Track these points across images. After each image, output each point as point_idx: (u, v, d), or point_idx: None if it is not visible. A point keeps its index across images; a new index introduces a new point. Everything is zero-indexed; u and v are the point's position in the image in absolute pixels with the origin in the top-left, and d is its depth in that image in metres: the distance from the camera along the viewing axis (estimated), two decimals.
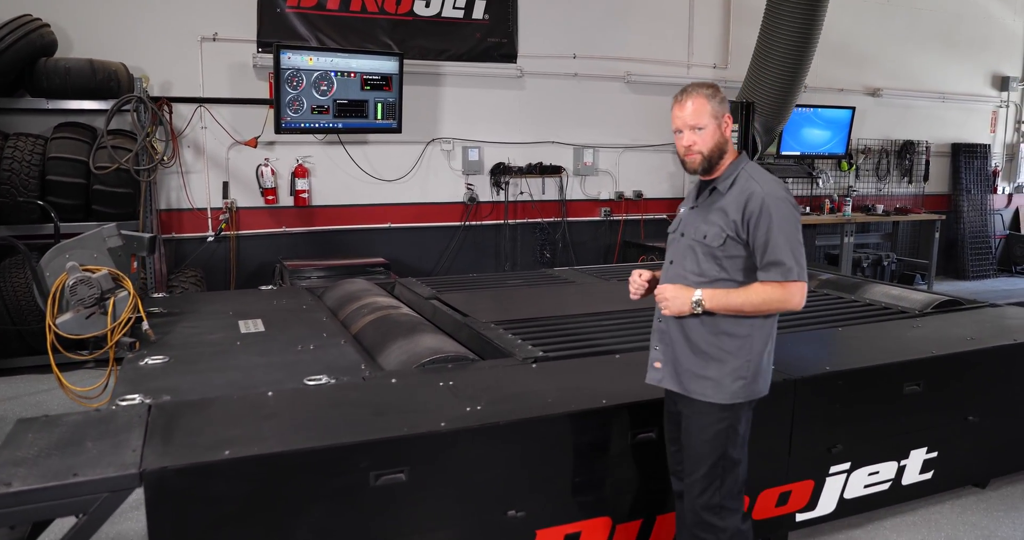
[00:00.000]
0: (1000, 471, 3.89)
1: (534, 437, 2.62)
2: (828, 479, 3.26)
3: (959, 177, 10.38)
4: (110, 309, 3.47)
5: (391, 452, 2.39)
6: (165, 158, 5.74)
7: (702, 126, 2.38)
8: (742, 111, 6.99)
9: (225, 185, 6.37)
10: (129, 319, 3.52)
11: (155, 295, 4.74)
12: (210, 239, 6.31)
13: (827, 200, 9.28)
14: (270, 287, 5.07)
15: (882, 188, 9.93)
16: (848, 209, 8.92)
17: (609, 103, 7.93)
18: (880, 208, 9.49)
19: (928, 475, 3.57)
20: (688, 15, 8.17)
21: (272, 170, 6.43)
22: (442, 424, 2.48)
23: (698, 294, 2.36)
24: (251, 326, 3.90)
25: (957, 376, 3.56)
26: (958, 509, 3.62)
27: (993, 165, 10.75)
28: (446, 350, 3.33)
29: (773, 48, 7.05)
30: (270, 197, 6.48)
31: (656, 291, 2.47)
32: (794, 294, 2.32)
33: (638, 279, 2.60)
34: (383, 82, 6.16)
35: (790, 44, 6.90)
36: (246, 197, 6.49)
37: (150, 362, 3.20)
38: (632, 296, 2.63)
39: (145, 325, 3.58)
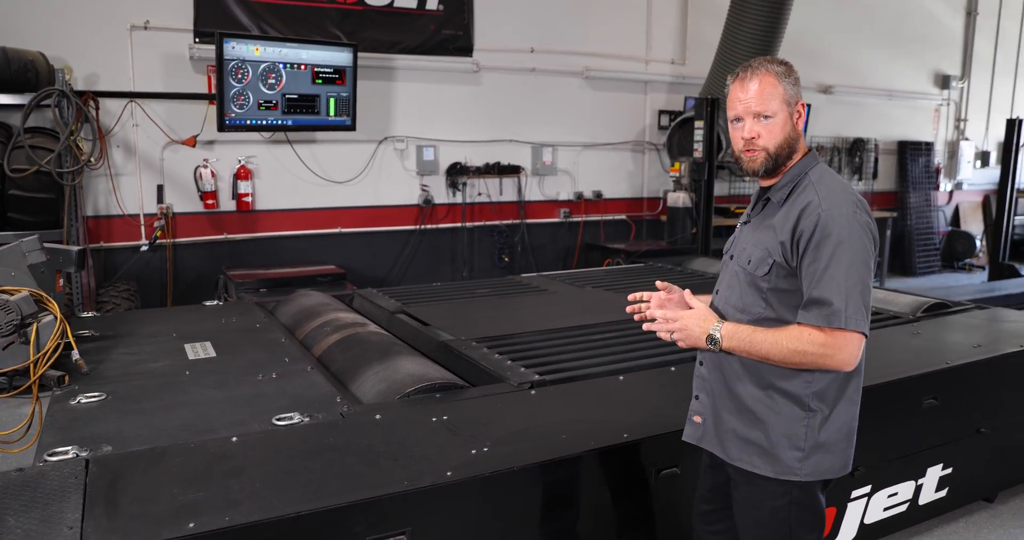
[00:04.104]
0: (1007, 483, 3.75)
1: (554, 482, 2.27)
2: (850, 504, 3.03)
3: (905, 174, 10.51)
4: (32, 337, 2.96)
5: (391, 511, 2.01)
6: (92, 159, 5.15)
7: (771, 113, 1.86)
8: (707, 108, 6.79)
9: (160, 188, 5.79)
10: (56, 348, 3.01)
11: (84, 314, 4.19)
12: (144, 248, 5.72)
13: None
14: (215, 302, 4.58)
15: None
16: None
17: (567, 99, 7.64)
18: None
19: (943, 493, 3.38)
20: (646, 9, 7.94)
21: (212, 172, 5.88)
22: (448, 473, 2.11)
23: (717, 328, 1.86)
24: (200, 350, 3.44)
25: (971, 387, 3.39)
26: (973, 527, 3.45)
27: (936, 162, 10.93)
28: (431, 377, 2.95)
29: (738, 43, 6.89)
30: (210, 201, 5.93)
31: (671, 314, 1.94)
32: (840, 348, 1.74)
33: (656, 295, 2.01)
34: (336, 75, 5.68)
35: (755, 39, 6.76)
36: (183, 201, 5.93)
37: (83, 401, 2.73)
38: (633, 312, 2.06)
39: (75, 354, 3.07)
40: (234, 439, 2.33)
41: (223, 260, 6.06)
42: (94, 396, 2.76)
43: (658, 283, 2.06)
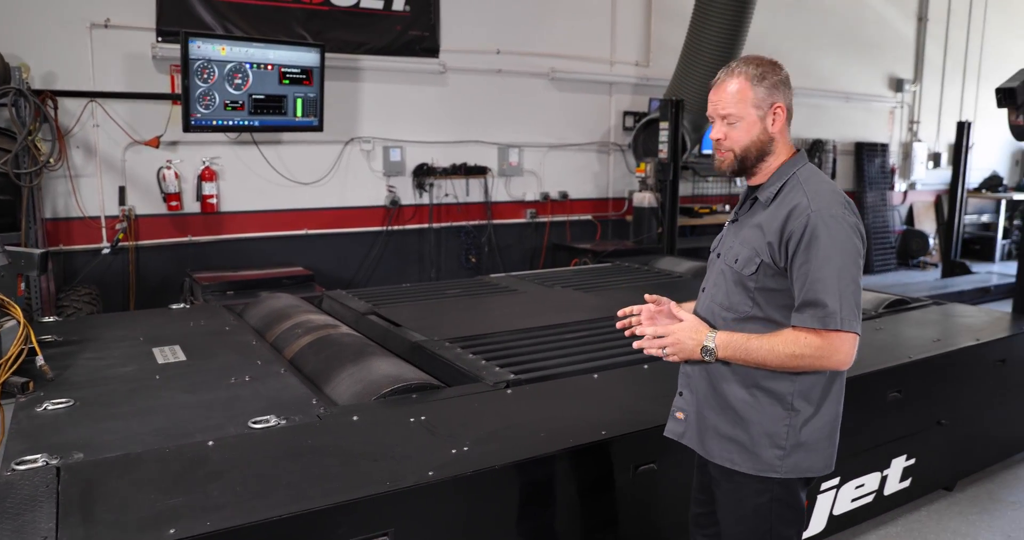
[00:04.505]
0: (965, 472, 3.88)
1: (535, 480, 2.29)
2: (819, 496, 3.10)
3: (862, 175, 10.77)
4: None
5: (373, 512, 2.00)
6: (51, 160, 5.02)
7: (736, 117, 1.88)
8: (672, 109, 6.88)
9: (121, 190, 5.66)
10: (19, 354, 2.93)
11: (45, 319, 4.09)
12: (105, 251, 5.59)
13: None
14: (182, 305, 4.50)
15: None
16: None
17: (533, 101, 7.68)
18: None
19: (907, 483, 3.49)
20: (611, 11, 8.01)
21: (176, 173, 5.77)
22: (430, 473, 2.11)
23: (711, 338, 1.88)
24: (169, 354, 3.38)
25: (932, 380, 3.50)
26: (935, 516, 3.56)
27: (891, 163, 11.22)
28: (407, 378, 2.95)
29: (702, 46, 6.99)
30: (173, 203, 5.82)
31: (661, 330, 1.95)
32: (836, 349, 1.76)
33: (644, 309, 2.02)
34: (303, 76, 5.63)
35: (719, 42, 6.87)
36: (146, 203, 5.81)
37: (50, 407, 2.66)
38: (624, 328, 2.07)
39: (39, 360, 3.00)
40: (210, 443, 2.31)
41: (188, 263, 5.95)
42: (61, 402, 2.70)
43: (647, 296, 2.05)
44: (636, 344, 2.01)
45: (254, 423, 2.48)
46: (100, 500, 1.94)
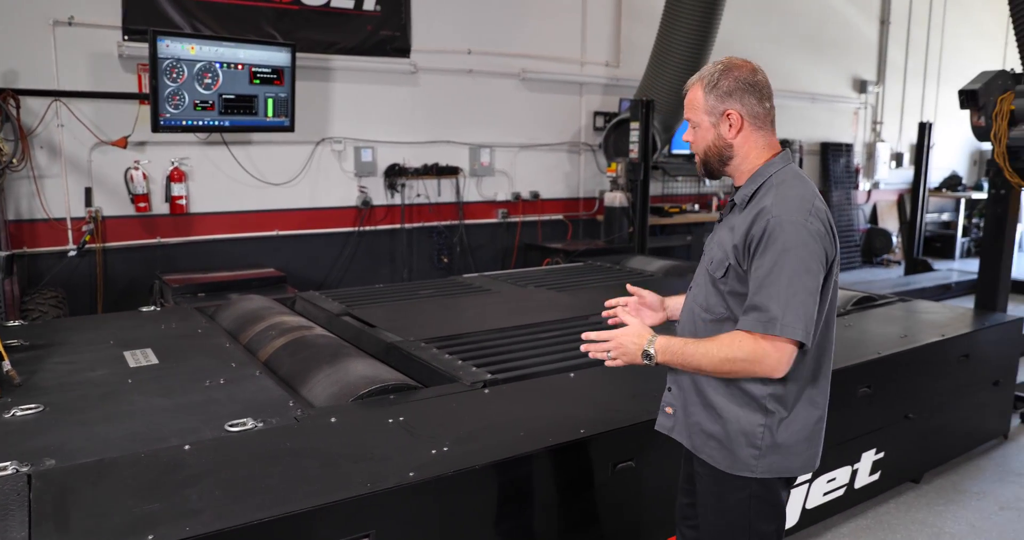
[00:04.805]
0: (931, 464, 3.98)
1: (515, 479, 2.30)
2: (792, 491, 3.14)
3: (828, 174, 10.96)
4: None
5: (355, 514, 2.00)
6: (14, 161, 4.90)
7: (694, 123, 1.95)
8: (642, 109, 6.94)
9: (88, 191, 5.55)
10: None
11: (9, 323, 4.00)
12: (72, 253, 5.47)
13: (714, 198, 9.52)
14: (152, 308, 4.43)
15: None
16: None
17: (504, 101, 7.69)
18: None
19: (876, 476, 3.57)
20: (581, 12, 8.06)
21: (144, 174, 5.68)
22: (411, 474, 2.11)
23: (651, 343, 1.88)
24: (140, 358, 3.33)
25: (899, 375, 3.58)
26: (903, 507, 3.64)
27: (855, 163, 11.43)
28: (384, 378, 2.94)
29: (672, 47, 7.07)
30: (142, 204, 5.72)
31: (605, 334, 1.97)
32: (767, 354, 1.73)
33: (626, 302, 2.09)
34: (274, 75, 5.56)
35: (688, 43, 6.95)
36: (113, 205, 5.70)
37: (19, 413, 2.61)
38: (608, 317, 2.13)
39: (6, 365, 2.95)
40: (187, 447, 2.28)
41: (157, 265, 5.86)
42: (30, 408, 2.64)
43: (629, 287, 2.09)
44: (584, 348, 2.03)
45: (231, 426, 2.46)
46: (74, 508, 1.91)
